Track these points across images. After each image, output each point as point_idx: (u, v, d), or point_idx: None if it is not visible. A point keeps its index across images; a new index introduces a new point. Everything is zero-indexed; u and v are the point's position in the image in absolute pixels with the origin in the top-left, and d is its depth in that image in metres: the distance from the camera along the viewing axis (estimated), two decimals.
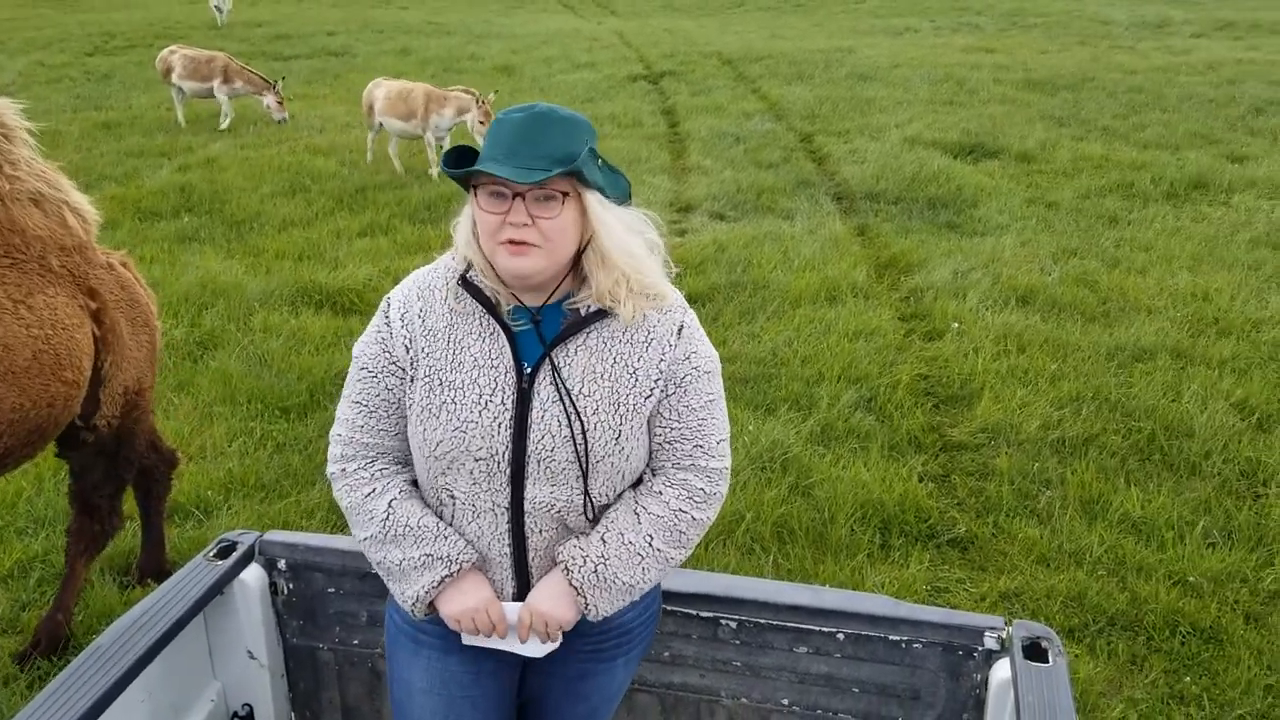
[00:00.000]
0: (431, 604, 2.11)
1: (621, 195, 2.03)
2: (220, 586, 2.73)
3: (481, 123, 13.68)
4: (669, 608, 2.67)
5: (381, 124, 11.56)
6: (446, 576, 2.05)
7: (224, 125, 14.05)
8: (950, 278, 7.91)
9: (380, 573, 2.14)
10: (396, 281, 7.00)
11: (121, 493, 4.18)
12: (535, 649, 2.14)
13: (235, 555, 2.79)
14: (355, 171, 11.54)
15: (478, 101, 13.85)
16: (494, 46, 22.40)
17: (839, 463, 5.27)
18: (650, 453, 2.11)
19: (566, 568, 2.04)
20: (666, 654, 2.71)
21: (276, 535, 2.90)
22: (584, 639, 2.20)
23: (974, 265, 8.21)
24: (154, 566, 4.44)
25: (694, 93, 16.33)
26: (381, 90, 11.52)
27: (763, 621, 2.63)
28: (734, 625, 2.64)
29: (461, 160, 1.99)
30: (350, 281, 7.82)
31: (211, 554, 2.80)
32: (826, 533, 4.68)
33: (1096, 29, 24.35)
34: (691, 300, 7.37)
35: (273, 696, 2.94)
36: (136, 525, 4.51)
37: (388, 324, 2.09)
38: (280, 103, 13.70)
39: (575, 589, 2.04)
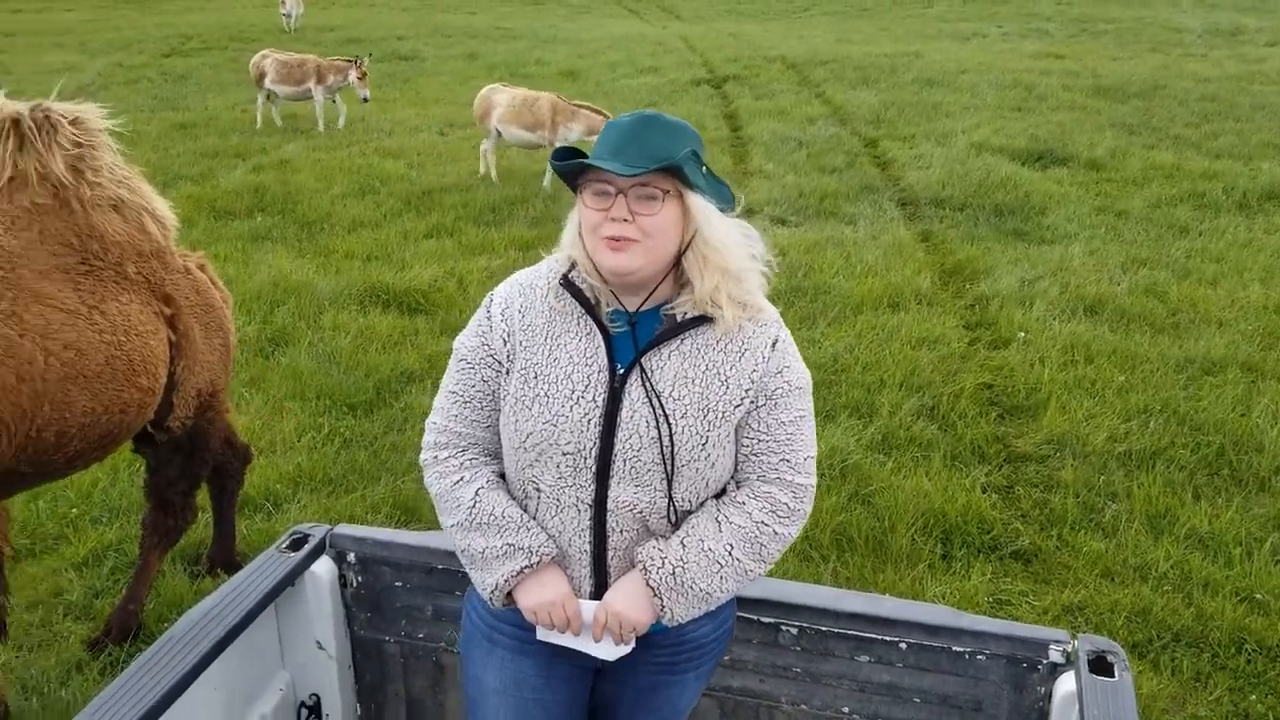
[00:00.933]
0: (510, 595, 2.15)
1: (724, 204, 2.05)
2: (292, 578, 2.79)
3: (360, 78, 13.95)
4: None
5: (499, 131, 11.11)
6: (526, 567, 2.08)
7: (340, 124, 14.35)
8: (1017, 286, 7.82)
9: (463, 560, 2.19)
10: (461, 283, 7.09)
11: (196, 488, 4.30)
12: (608, 650, 2.15)
13: (307, 548, 2.86)
14: (422, 174, 11.71)
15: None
16: (559, 51, 22.56)
17: (900, 471, 5.24)
18: (736, 463, 2.12)
19: (645, 568, 2.06)
20: (726, 658, 2.72)
21: (346, 529, 2.96)
22: (658, 650, 2.20)
23: (1041, 274, 8.11)
24: (224, 557, 4.55)
25: (757, 97, 16.31)
26: (503, 96, 11.04)
27: (824, 629, 2.63)
28: (794, 631, 2.65)
29: (569, 160, 2.04)
30: (416, 282, 7.94)
31: (284, 545, 2.87)
32: (886, 542, 4.66)
33: (1168, 36, 23.89)
34: None
35: (339, 687, 3.00)
36: (208, 516, 4.62)
37: (488, 318, 2.15)
38: (362, 77, 13.94)
39: (653, 590, 2.05)
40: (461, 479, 2.15)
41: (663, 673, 2.24)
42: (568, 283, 2.10)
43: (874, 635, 2.60)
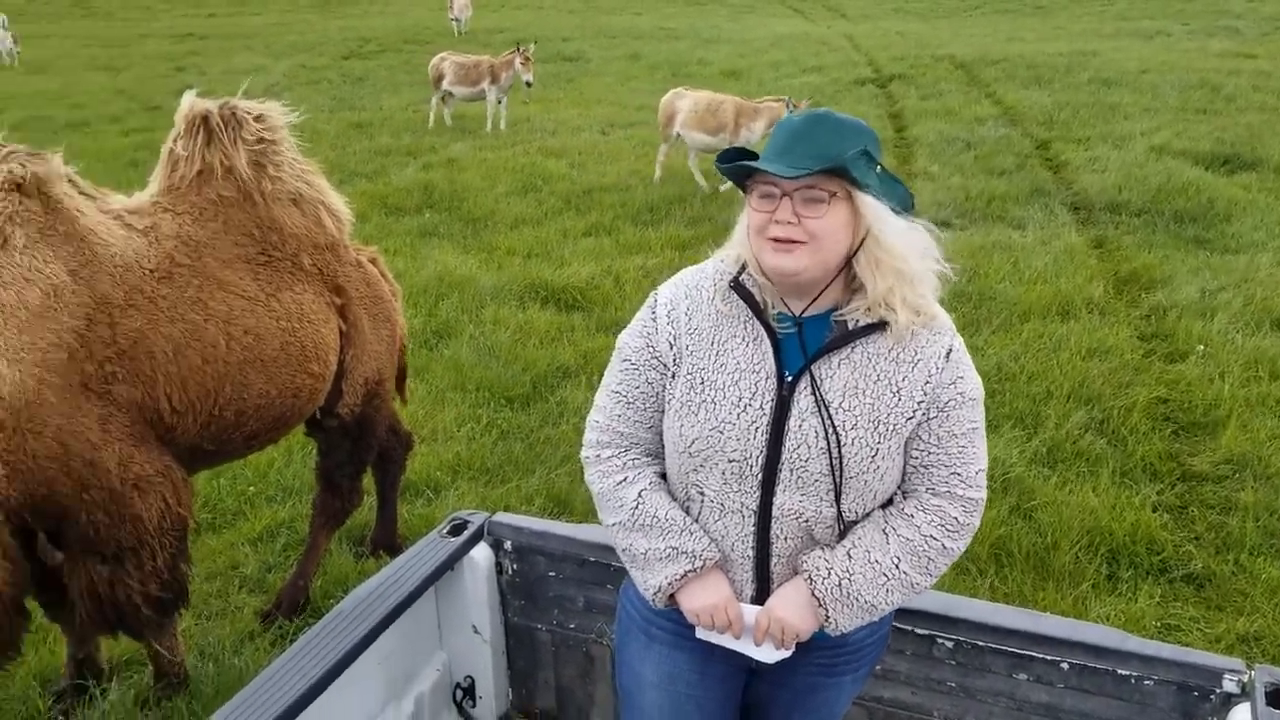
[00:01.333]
0: (672, 595, 2.15)
1: (900, 204, 1.99)
2: (451, 562, 2.88)
3: (524, 62, 14.13)
4: None
5: (680, 136, 10.91)
6: (690, 571, 2.07)
7: (502, 126, 14.77)
8: (1197, 296, 7.41)
9: (625, 560, 2.20)
10: (618, 281, 7.17)
11: (362, 472, 4.48)
12: (768, 654, 2.14)
13: (466, 534, 2.95)
14: (583, 173, 11.90)
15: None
16: (722, 51, 22.57)
17: (1065, 486, 5.04)
18: (904, 475, 2.07)
19: (810, 577, 2.03)
20: (879, 669, 2.68)
21: (504, 517, 3.03)
22: (817, 652, 2.17)
23: (1224, 284, 7.65)
24: (386, 540, 4.73)
25: (923, 97, 15.94)
26: (686, 102, 10.78)
27: (981, 643, 2.56)
28: (950, 645, 2.59)
29: (737, 161, 2.01)
30: (574, 280, 8.08)
31: (444, 531, 2.97)
32: (1048, 559, 4.48)
33: None
34: None
35: (493, 671, 3.08)
36: (372, 500, 4.81)
37: (653, 319, 2.12)
38: (525, 62, 14.29)
39: (817, 600, 2.03)
40: (625, 479, 2.14)
41: (821, 674, 2.22)
42: (737, 285, 2.06)
43: (1034, 653, 2.52)
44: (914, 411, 1.99)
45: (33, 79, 22.07)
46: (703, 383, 2.04)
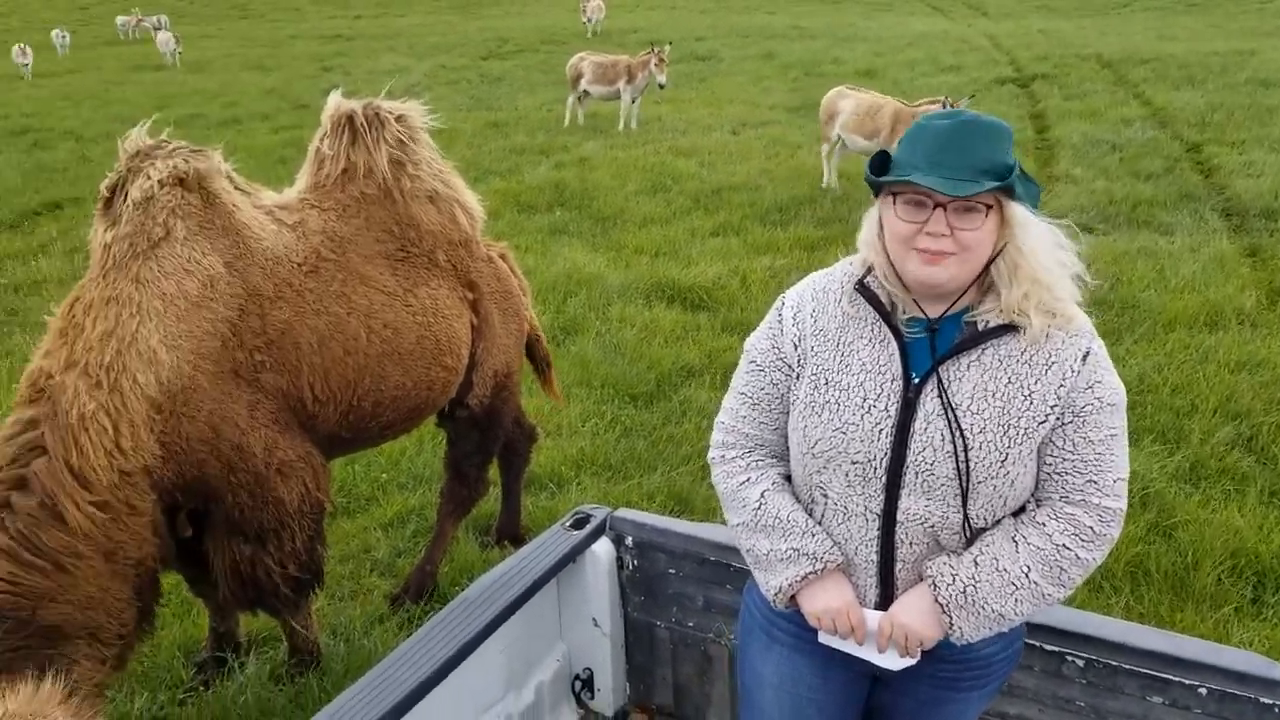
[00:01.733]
0: (794, 597, 2.14)
1: (1033, 203, 1.95)
2: (573, 555, 2.93)
3: (659, 63, 14.16)
4: None
5: (841, 139, 10.56)
6: (811, 573, 2.05)
7: (634, 126, 14.95)
8: None
9: (748, 560, 2.20)
10: (744, 281, 7.16)
11: (489, 462, 4.59)
12: (892, 661, 2.10)
13: (589, 527, 2.99)
14: (713, 172, 11.89)
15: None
16: (857, 50, 22.26)
17: (1208, 505, 4.82)
18: (1038, 481, 2.01)
19: (934, 583, 1.99)
20: (1005, 684, 2.61)
21: (626, 513, 3.06)
22: (943, 664, 2.12)
23: None
24: (510, 531, 4.83)
25: (1067, 97, 15.43)
26: (849, 103, 10.40)
27: (1113, 663, 2.47)
28: (1080, 663, 2.50)
29: (880, 166, 1.95)
30: (701, 279, 8.09)
31: (567, 524, 3.02)
32: (1188, 579, 4.30)
33: None
34: None
35: (612, 665, 3.12)
36: (498, 491, 4.92)
37: (780, 321, 2.12)
38: (660, 63, 14.43)
39: (941, 606, 1.99)
40: (748, 479, 2.14)
41: (946, 688, 2.16)
42: (863, 287, 2.03)
43: (1170, 676, 2.42)
44: (1046, 415, 1.93)
45: (191, 78, 23.22)
46: (827, 383, 2.02)
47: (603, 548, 3.01)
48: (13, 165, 14.17)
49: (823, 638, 2.15)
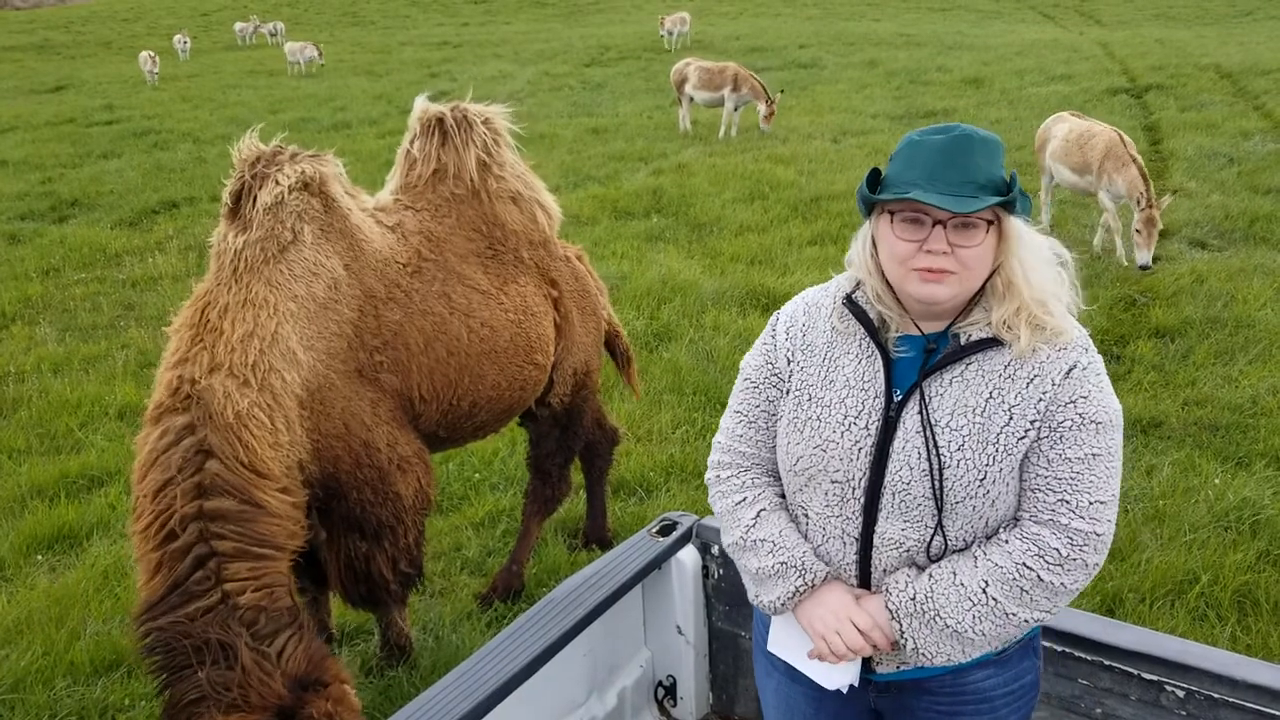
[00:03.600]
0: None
1: (1027, 216, 1.90)
2: (659, 562, 2.93)
3: (768, 117, 13.80)
4: (1106, 661, 2.50)
5: (1052, 171, 9.31)
6: (801, 586, 2.01)
7: (733, 134, 14.96)
8: None
9: (745, 579, 2.16)
10: None
11: (570, 462, 4.63)
12: (828, 679, 2.05)
13: (675, 534, 2.99)
14: (812, 181, 11.80)
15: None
16: (964, 58, 21.87)
17: None
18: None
19: (887, 589, 1.96)
20: (1099, 710, 2.54)
21: (712, 521, 3.05)
22: (935, 696, 2.05)
23: None
24: (597, 534, 4.86)
25: (1183, 108, 14.92)
26: (1061, 128, 9.17)
27: (1216, 696, 2.37)
28: (1180, 694, 2.42)
29: (871, 183, 1.91)
30: (796, 288, 7.88)
31: (654, 530, 3.02)
32: None
33: None
34: (1159, 335, 6.85)
35: (695, 673, 3.11)
36: (585, 494, 4.95)
37: (773, 337, 2.10)
38: (769, 116, 14.42)
39: (890, 612, 1.94)
40: (744, 499, 2.10)
41: (946, 715, 2.07)
42: (851, 303, 1.99)
43: (1278, 713, 2.32)
44: (1026, 431, 1.86)
45: (304, 83, 23.93)
46: (810, 399, 1.99)
47: (688, 555, 3.00)
48: (134, 165, 14.78)
49: (770, 645, 2.12)
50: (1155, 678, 2.45)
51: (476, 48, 29.83)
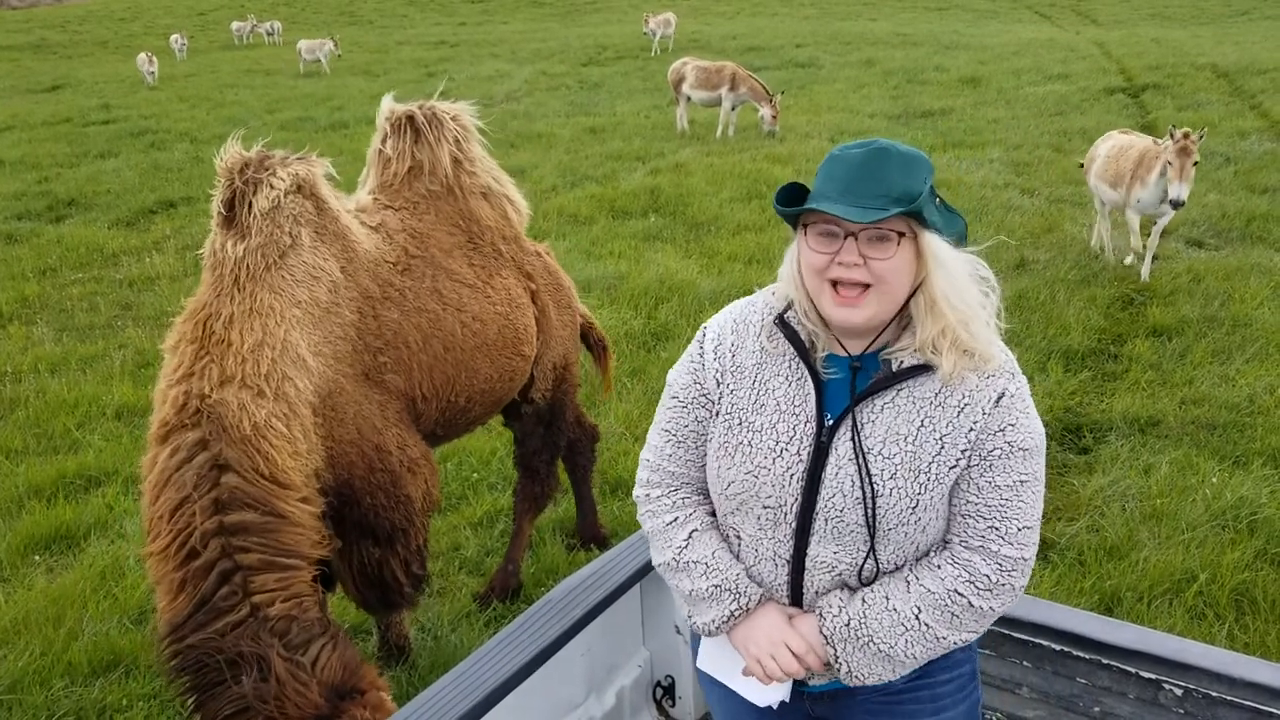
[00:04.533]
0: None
1: (957, 237, 1.88)
2: None
3: (774, 117, 13.80)
4: (1104, 660, 2.50)
5: (1099, 195, 8.59)
6: (736, 610, 2.00)
7: (730, 133, 14.95)
8: None
9: (678, 599, 2.15)
10: None
11: (556, 458, 4.65)
12: (758, 695, 2.04)
13: None
14: (809, 180, 11.76)
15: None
16: (960, 58, 21.89)
17: None
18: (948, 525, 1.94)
19: (821, 613, 1.95)
20: (1097, 709, 2.54)
21: None
22: (869, 694, 2.05)
23: None
24: (591, 533, 4.86)
25: (1179, 107, 14.94)
26: (1106, 145, 8.56)
27: (1214, 694, 2.38)
28: (1178, 692, 2.42)
29: (792, 197, 1.90)
30: None
31: None
32: None
33: None
34: (1156, 334, 6.85)
35: (693, 673, 3.10)
36: (573, 495, 4.95)
37: (701, 355, 2.06)
38: (774, 116, 14.40)
39: (825, 637, 1.94)
40: (675, 519, 2.07)
41: (884, 715, 2.06)
42: (782, 323, 1.96)
43: (1276, 710, 2.32)
44: (957, 460, 1.86)
45: (301, 83, 23.91)
46: (740, 423, 1.96)
47: None
48: (131, 165, 14.77)
49: (700, 663, 2.12)
50: (1153, 676, 2.46)
51: (474, 47, 29.82)
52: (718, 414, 2.01)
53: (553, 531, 4.94)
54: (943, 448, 1.86)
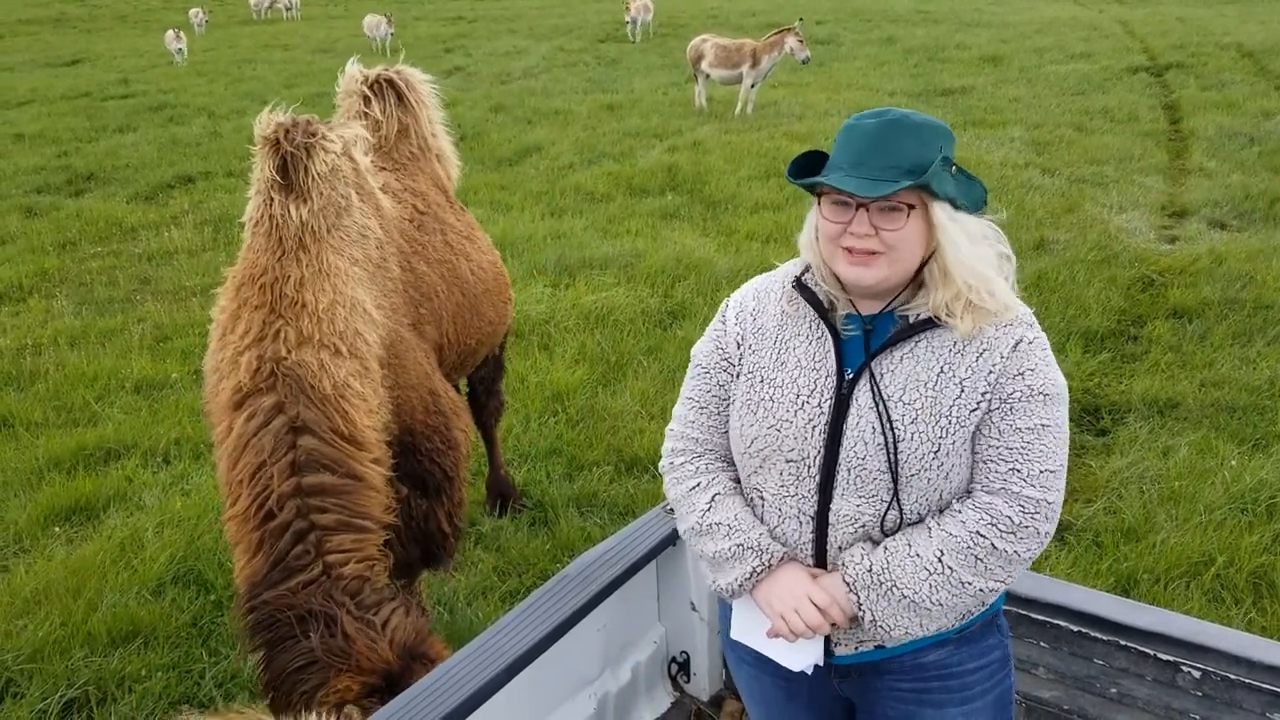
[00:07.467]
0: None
1: (975, 204, 1.91)
2: (673, 539, 2.93)
3: (801, 42, 13.77)
4: (1122, 642, 2.49)
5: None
6: (759, 567, 2.01)
7: (749, 111, 14.78)
8: None
9: (704, 565, 2.16)
10: None
11: (501, 378, 4.95)
12: (791, 660, 2.04)
13: None
14: None
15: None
16: (982, 35, 21.70)
17: None
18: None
19: (843, 563, 1.96)
20: (1114, 690, 2.54)
21: None
22: (897, 676, 2.06)
23: None
24: (499, 488, 5.02)
25: (1203, 87, 14.78)
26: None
27: (1232, 677, 2.37)
28: (1196, 675, 2.42)
29: (809, 166, 1.94)
30: None
31: (667, 507, 3.02)
32: None
33: None
34: (1176, 315, 6.80)
35: (708, 650, 3.12)
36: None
37: (723, 323, 2.12)
38: (801, 41, 14.26)
39: (848, 585, 1.94)
40: (698, 484, 2.11)
41: (914, 704, 2.07)
42: (800, 285, 2.02)
43: None
44: (978, 404, 1.88)
45: (319, 58, 23.86)
46: (763, 381, 2.01)
47: None
48: (149, 140, 14.80)
49: (734, 632, 2.13)
50: (1171, 658, 2.45)
51: (491, 23, 29.71)
52: (739, 375, 2.07)
53: (566, 505, 4.94)
54: (963, 391, 1.89)
